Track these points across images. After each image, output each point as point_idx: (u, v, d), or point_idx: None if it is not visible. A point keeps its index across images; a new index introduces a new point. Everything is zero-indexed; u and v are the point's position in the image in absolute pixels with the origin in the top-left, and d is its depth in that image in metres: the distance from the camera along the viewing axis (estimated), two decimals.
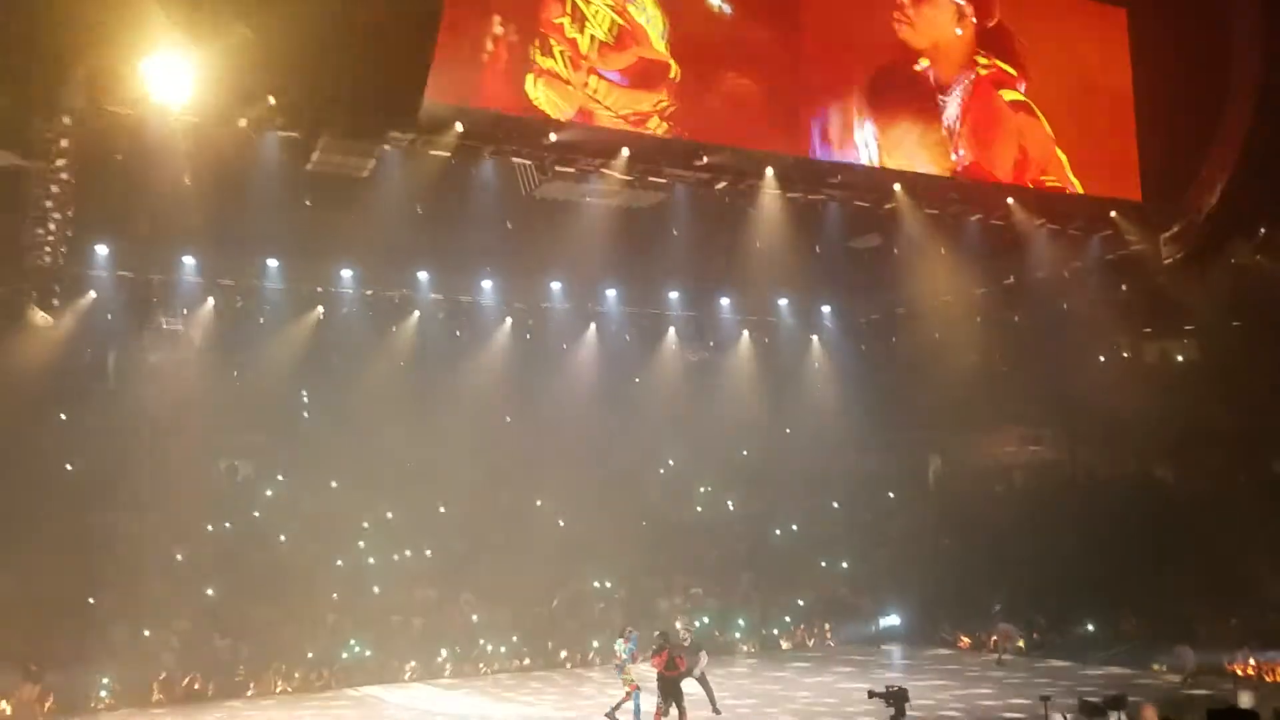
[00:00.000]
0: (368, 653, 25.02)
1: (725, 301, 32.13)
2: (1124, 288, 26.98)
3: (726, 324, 32.85)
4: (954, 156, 21.99)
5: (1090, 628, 26.68)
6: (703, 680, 19.66)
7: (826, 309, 33.25)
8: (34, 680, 21.06)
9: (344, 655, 24.78)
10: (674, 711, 17.63)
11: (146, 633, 23.55)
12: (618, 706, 19.02)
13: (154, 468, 26.03)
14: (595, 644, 27.02)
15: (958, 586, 29.11)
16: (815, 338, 33.75)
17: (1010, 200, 23.21)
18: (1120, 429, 29.15)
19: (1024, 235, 24.48)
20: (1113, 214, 24.09)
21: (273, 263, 26.53)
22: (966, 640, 28.07)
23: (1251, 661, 21.82)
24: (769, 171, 21.17)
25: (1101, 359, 30.35)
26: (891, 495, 34.29)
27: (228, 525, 27.28)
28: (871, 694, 12.81)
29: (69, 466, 25.97)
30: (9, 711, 20.51)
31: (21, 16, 14.90)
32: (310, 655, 24.42)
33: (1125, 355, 31.13)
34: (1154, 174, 23.30)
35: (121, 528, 25.22)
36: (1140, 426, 28.29)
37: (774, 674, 25.14)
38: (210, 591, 25.19)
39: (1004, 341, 30.27)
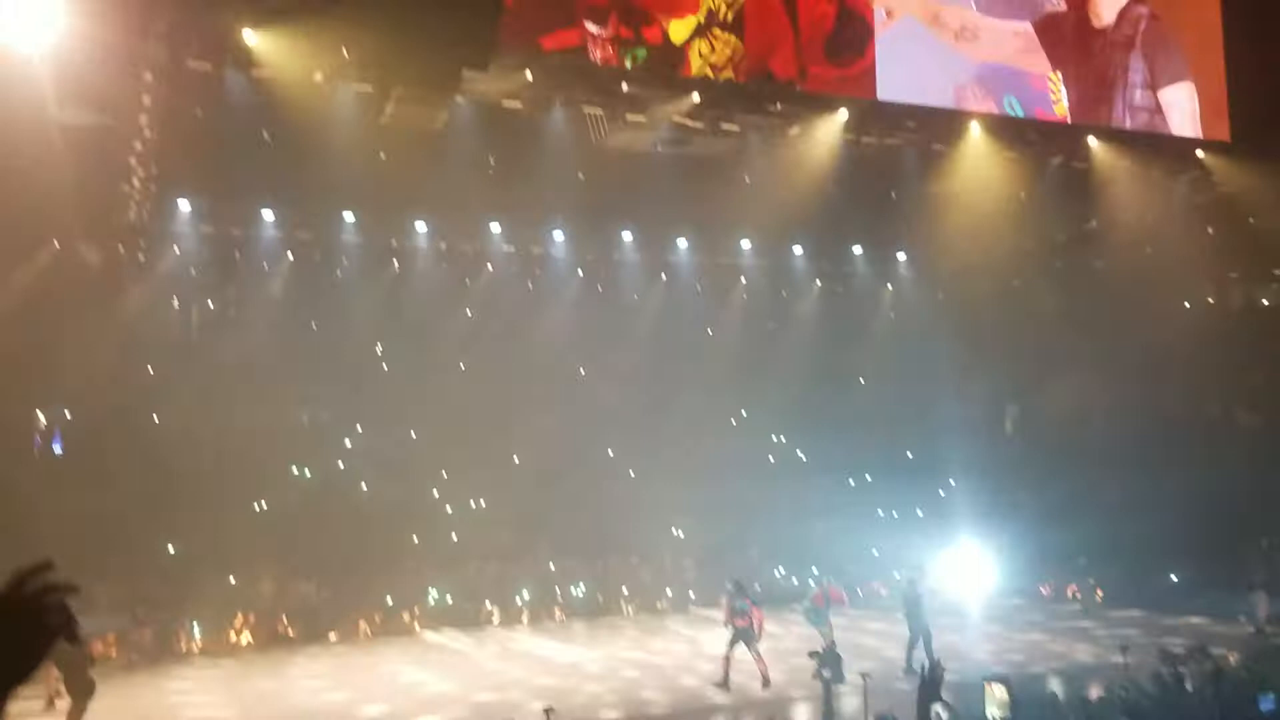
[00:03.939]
0: (448, 598, 25.53)
1: (798, 249, 31.81)
2: (1210, 231, 26.22)
3: (799, 273, 32.59)
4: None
5: (1173, 577, 26.24)
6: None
7: (902, 257, 32.78)
8: (143, 625, 21.91)
9: (425, 601, 25.34)
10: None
11: (232, 579, 24.25)
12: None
13: (236, 418, 26.58)
14: (669, 592, 27.29)
15: (1038, 534, 28.70)
16: (890, 286, 33.35)
17: (1092, 142, 22.54)
18: (1204, 374, 28.45)
19: (1107, 178, 23.83)
20: (1200, 155, 23.34)
21: (349, 216, 26.90)
22: (1047, 589, 27.78)
23: None
24: (842, 115, 20.79)
25: (1186, 304, 29.54)
26: (968, 443, 33.79)
27: (309, 474, 27.89)
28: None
29: (155, 418, 26.56)
30: (114, 653, 21.28)
31: None
32: (390, 601, 25.01)
33: (1210, 300, 30.32)
34: (1243, 114, 22.49)
35: (205, 476, 25.82)
36: (1224, 371, 27.61)
37: None
38: (294, 539, 25.80)
39: (1086, 287, 29.58)
